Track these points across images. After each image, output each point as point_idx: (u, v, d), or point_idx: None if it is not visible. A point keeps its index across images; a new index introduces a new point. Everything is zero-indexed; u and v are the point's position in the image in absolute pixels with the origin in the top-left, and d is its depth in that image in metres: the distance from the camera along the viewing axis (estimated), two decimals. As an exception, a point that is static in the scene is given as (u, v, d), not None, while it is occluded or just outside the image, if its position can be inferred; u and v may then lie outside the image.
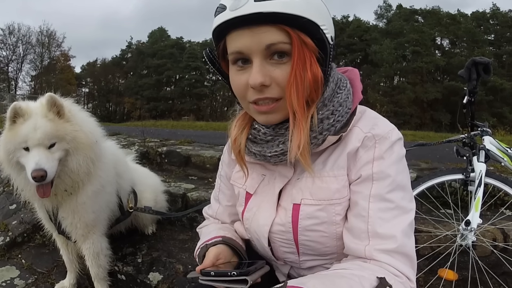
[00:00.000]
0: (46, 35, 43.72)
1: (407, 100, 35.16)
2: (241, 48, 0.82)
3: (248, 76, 0.83)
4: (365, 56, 39.64)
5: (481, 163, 2.11)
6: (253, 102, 0.87)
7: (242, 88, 0.87)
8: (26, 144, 1.61)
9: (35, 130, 1.60)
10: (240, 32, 0.81)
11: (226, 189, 1.19)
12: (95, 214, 1.91)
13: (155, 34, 49.92)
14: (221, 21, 0.81)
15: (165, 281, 2.06)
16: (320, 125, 0.87)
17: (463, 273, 2.09)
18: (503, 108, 32.52)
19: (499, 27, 37.76)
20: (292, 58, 0.81)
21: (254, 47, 0.81)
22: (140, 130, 5.38)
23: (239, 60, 0.85)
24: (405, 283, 0.80)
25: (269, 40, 0.80)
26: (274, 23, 0.78)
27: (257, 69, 0.82)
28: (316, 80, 0.83)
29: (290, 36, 0.79)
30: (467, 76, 2.17)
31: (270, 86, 0.83)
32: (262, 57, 0.82)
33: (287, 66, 0.82)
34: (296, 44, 0.80)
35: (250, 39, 0.81)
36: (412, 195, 0.92)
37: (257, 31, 0.80)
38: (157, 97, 45.31)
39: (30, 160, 1.60)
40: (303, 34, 0.80)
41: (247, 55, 0.83)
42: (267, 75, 0.82)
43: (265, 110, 0.87)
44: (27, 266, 2.39)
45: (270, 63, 0.83)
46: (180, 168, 3.90)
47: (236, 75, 0.87)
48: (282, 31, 0.79)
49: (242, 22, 0.79)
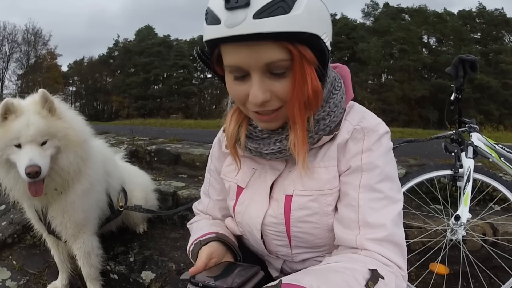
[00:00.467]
0: (32, 33, 43.24)
1: (395, 97, 35.46)
2: (239, 63, 0.79)
3: (247, 88, 0.82)
4: (352, 54, 39.79)
5: (469, 159, 2.14)
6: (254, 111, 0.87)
7: (241, 99, 0.85)
8: (18, 140, 1.58)
9: (28, 127, 1.57)
10: (237, 47, 0.77)
11: (216, 183, 1.18)
12: (85, 213, 1.89)
13: (142, 32, 49.49)
14: (215, 36, 0.77)
15: (158, 279, 2.05)
16: (316, 125, 0.89)
17: (454, 267, 2.13)
18: (490, 105, 33.03)
19: (485, 25, 38.24)
20: (293, 74, 0.79)
21: (253, 64, 0.78)
22: (129, 128, 5.36)
23: (236, 71, 0.83)
24: (395, 272, 0.82)
25: (269, 58, 0.77)
26: (275, 40, 0.75)
27: (257, 85, 0.80)
28: (316, 94, 0.83)
29: (291, 52, 0.76)
30: (454, 74, 2.20)
31: (271, 99, 0.82)
32: (261, 72, 0.79)
33: (287, 79, 0.81)
34: (297, 60, 0.77)
35: (248, 56, 0.77)
36: (400, 186, 0.94)
37: (256, 49, 0.76)
38: (145, 95, 44.95)
39: (22, 156, 1.57)
40: (303, 48, 0.77)
41: (246, 69, 0.80)
42: (267, 90, 0.81)
43: (266, 120, 0.87)
44: (18, 267, 2.35)
45: (269, 77, 0.80)
46: (170, 166, 3.88)
47: (233, 84, 0.85)
48: (282, 48, 0.76)
49: (240, 39, 0.74)
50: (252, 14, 0.71)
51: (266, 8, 0.71)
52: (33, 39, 43.35)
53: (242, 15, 0.72)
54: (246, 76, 0.81)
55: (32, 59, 43.64)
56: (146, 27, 50.03)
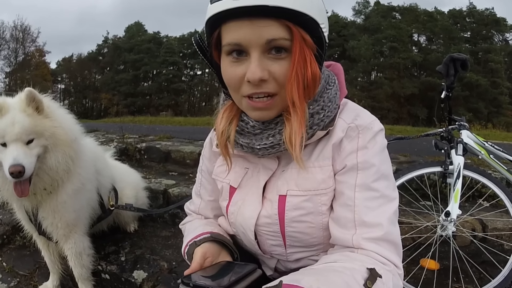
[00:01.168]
0: (21, 30, 42.48)
1: (384, 95, 35.66)
2: (240, 40, 0.79)
3: (244, 69, 0.81)
4: (342, 52, 39.94)
5: (459, 156, 2.16)
6: (248, 97, 0.85)
7: (236, 81, 0.84)
8: (3, 139, 1.55)
9: (13, 125, 1.54)
10: (239, 22, 0.78)
11: (207, 184, 1.17)
12: (76, 213, 1.87)
13: (132, 28, 49.04)
14: (219, 9, 0.77)
15: (150, 278, 2.04)
16: (311, 119, 0.88)
17: (444, 262, 2.15)
18: (479, 103, 33.38)
19: (475, 25, 38.56)
20: (293, 55, 0.79)
21: (254, 40, 0.78)
22: (118, 126, 5.31)
23: (234, 51, 0.82)
24: (392, 270, 0.82)
25: (270, 35, 0.77)
26: (277, 17, 0.76)
27: (256, 63, 0.79)
28: (314, 78, 0.82)
29: (292, 32, 0.78)
30: (445, 72, 2.22)
31: (268, 81, 0.82)
32: (260, 51, 0.79)
33: (286, 61, 0.81)
34: (298, 41, 0.78)
35: (250, 32, 0.78)
36: (395, 184, 0.95)
37: (259, 24, 0.76)
38: (135, 92, 44.61)
39: (7, 155, 1.55)
40: (304, 32, 0.78)
41: (245, 47, 0.80)
42: (265, 69, 0.80)
43: (260, 107, 0.85)
44: (8, 269, 2.32)
45: (268, 57, 0.81)
46: (160, 164, 3.87)
47: (230, 66, 0.84)
48: (284, 27, 0.77)
49: (244, 13, 0.75)
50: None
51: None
52: (21, 36, 42.70)
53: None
54: (244, 56, 0.82)
55: (20, 56, 42.95)
56: (135, 24, 49.59)
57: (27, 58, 43.58)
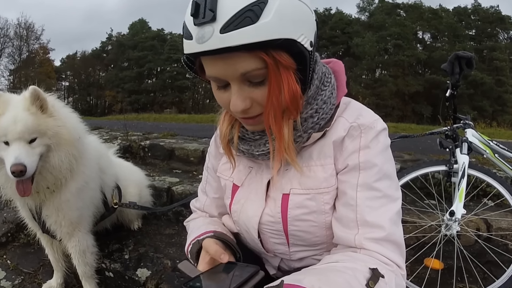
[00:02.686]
0: (24, 27, 42.64)
1: (388, 92, 35.58)
2: (217, 74, 0.80)
3: (229, 96, 0.82)
4: (347, 49, 39.85)
5: (464, 155, 2.15)
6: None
7: (225, 105, 0.86)
8: (6, 137, 1.55)
9: (15, 123, 1.54)
10: (212, 59, 0.77)
11: (213, 181, 1.18)
12: (79, 211, 1.87)
13: (136, 26, 49.12)
14: (189, 51, 0.78)
15: (153, 276, 2.04)
16: (304, 124, 0.88)
17: (448, 262, 2.15)
18: (483, 101, 33.27)
19: (480, 22, 38.37)
20: (268, 83, 0.78)
21: (229, 75, 0.78)
22: (122, 123, 5.31)
23: (216, 81, 0.83)
24: (395, 271, 0.82)
25: (243, 69, 0.76)
26: (247, 50, 0.73)
27: (236, 95, 0.80)
28: (294, 100, 0.80)
29: (265, 61, 0.75)
30: (450, 70, 2.20)
31: (252, 106, 0.82)
32: (239, 82, 0.79)
33: (265, 86, 0.79)
34: (272, 68, 0.76)
35: (224, 67, 0.77)
36: (398, 184, 0.93)
37: (230, 60, 0.75)
38: (139, 90, 44.69)
39: (9, 154, 1.54)
40: (279, 53, 0.75)
41: (224, 80, 0.80)
42: (247, 98, 0.81)
43: (251, 123, 0.88)
44: (13, 266, 2.33)
45: (248, 85, 0.80)
46: (164, 161, 3.87)
47: (217, 92, 0.85)
48: (256, 57, 0.75)
49: (213, 52, 0.73)
50: (219, 29, 0.71)
51: (232, 21, 0.70)
52: (25, 33, 42.85)
53: (210, 30, 0.72)
54: (227, 85, 0.81)
55: (25, 54, 43.14)
56: (139, 21, 49.64)
57: (31, 55, 43.77)
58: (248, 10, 0.70)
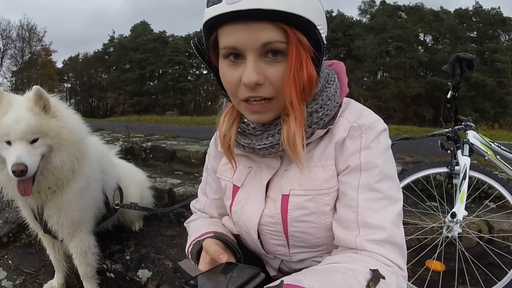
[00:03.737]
0: (27, 29, 42.77)
1: (390, 95, 35.55)
2: (236, 43, 0.79)
3: (241, 72, 0.81)
4: (348, 51, 39.84)
5: (465, 156, 2.15)
6: (245, 100, 0.85)
7: (233, 84, 0.84)
8: (8, 137, 1.56)
9: (18, 123, 1.55)
10: (235, 26, 0.77)
11: (212, 182, 1.17)
12: (81, 211, 1.88)
13: (138, 28, 49.21)
14: (215, 14, 0.77)
15: (154, 277, 2.04)
16: (309, 118, 0.87)
17: (450, 264, 2.14)
18: (485, 103, 33.21)
19: (481, 24, 38.34)
20: (289, 58, 0.78)
21: (250, 44, 0.78)
22: (124, 125, 5.33)
23: (231, 54, 0.82)
24: (396, 272, 0.81)
25: (266, 38, 0.76)
26: (273, 20, 0.75)
27: (252, 67, 0.79)
28: (311, 81, 0.81)
29: (288, 35, 0.76)
30: (451, 72, 2.20)
31: (264, 85, 0.81)
32: (256, 55, 0.79)
33: (282, 65, 0.80)
34: (294, 43, 0.77)
35: (246, 35, 0.77)
36: (399, 185, 0.93)
37: (254, 27, 0.76)
38: (141, 91, 44.78)
39: (11, 154, 1.55)
40: (300, 34, 0.77)
41: (241, 51, 0.79)
42: (261, 73, 0.80)
43: (257, 110, 0.85)
44: (14, 266, 2.34)
45: (264, 61, 0.80)
46: (166, 163, 3.88)
47: (227, 70, 0.84)
48: (280, 30, 0.76)
49: (239, 17, 0.75)
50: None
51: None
52: (28, 35, 42.98)
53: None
54: (241, 59, 0.81)
55: (27, 56, 43.31)
56: (141, 23, 49.75)
57: (33, 57, 43.87)
58: None
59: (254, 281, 0.82)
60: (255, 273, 0.83)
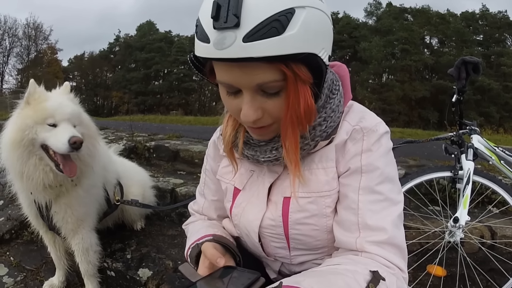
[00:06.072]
0: (33, 27, 42.98)
1: (395, 97, 35.42)
2: (230, 82, 0.76)
3: (239, 103, 0.79)
4: (354, 53, 39.80)
5: (469, 161, 2.13)
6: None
7: (233, 111, 0.84)
8: (54, 119, 1.62)
9: (63, 107, 1.66)
10: (228, 66, 0.74)
11: (211, 184, 1.17)
12: (86, 207, 1.91)
13: (144, 27, 49.35)
14: (204, 55, 0.73)
15: (154, 277, 2.04)
16: (312, 132, 0.87)
17: (451, 269, 2.13)
18: (490, 107, 33.02)
19: (487, 28, 38.14)
20: (287, 95, 0.76)
21: (245, 83, 0.75)
22: (128, 124, 5.34)
23: (228, 87, 0.80)
24: (397, 274, 0.81)
25: (261, 79, 0.73)
26: (267, 61, 0.70)
27: (249, 104, 0.77)
28: (308, 114, 0.79)
29: (285, 73, 0.72)
30: (457, 75, 2.19)
31: (263, 117, 0.80)
32: (253, 92, 0.76)
33: (280, 98, 0.78)
34: (291, 81, 0.74)
35: (239, 76, 0.74)
36: (400, 187, 0.93)
37: (247, 70, 0.72)
38: (145, 91, 44.89)
39: (62, 131, 1.62)
40: (298, 67, 0.73)
41: (237, 87, 0.77)
42: (259, 108, 0.78)
43: (258, 133, 0.86)
44: (15, 263, 2.35)
45: (261, 95, 0.78)
46: (169, 163, 3.88)
47: (226, 98, 0.82)
48: (275, 69, 0.72)
49: (231, 60, 0.70)
50: (242, 37, 0.67)
51: (258, 30, 0.66)
52: (34, 33, 43.21)
53: (232, 37, 0.67)
54: (239, 92, 0.79)
55: (33, 54, 43.52)
56: (147, 23, 49.88)
57: (39, 55, 44.10)
58: (275, 20, 0.67)
59: (255, 286, 0.81)
60: (254, 278, 0.82)
